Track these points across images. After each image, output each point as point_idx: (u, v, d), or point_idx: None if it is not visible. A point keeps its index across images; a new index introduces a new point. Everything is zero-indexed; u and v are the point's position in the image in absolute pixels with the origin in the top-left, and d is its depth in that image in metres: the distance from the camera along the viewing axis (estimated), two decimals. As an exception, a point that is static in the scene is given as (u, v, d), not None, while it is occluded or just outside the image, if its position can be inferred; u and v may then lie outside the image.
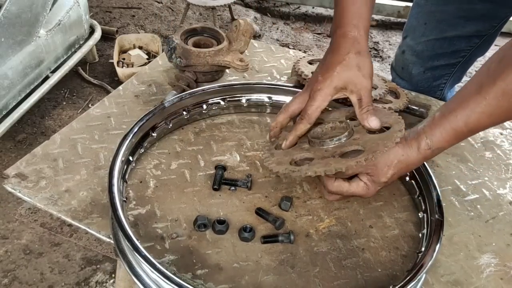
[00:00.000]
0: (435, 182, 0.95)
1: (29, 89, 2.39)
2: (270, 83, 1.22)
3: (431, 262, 0.81)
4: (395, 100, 1.17)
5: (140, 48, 3.10)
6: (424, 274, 0.82)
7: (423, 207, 0.95)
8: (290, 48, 2.82)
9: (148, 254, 0.77)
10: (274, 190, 1.00)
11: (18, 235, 2.03)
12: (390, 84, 1.23)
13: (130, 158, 0.98)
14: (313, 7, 4.02)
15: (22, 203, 0.97)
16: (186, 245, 0.88)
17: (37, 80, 2.44)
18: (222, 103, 1.16)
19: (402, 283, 0.78)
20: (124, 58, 2.99)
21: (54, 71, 2.57)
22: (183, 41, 1.24)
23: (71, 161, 1.03)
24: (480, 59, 1.52)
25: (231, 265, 0.85)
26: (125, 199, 0.92)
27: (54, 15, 2.52)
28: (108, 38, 3.22)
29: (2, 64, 2.17)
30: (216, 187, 0.98)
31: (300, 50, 3.40)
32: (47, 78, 2.52)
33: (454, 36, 1.40)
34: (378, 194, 0.95)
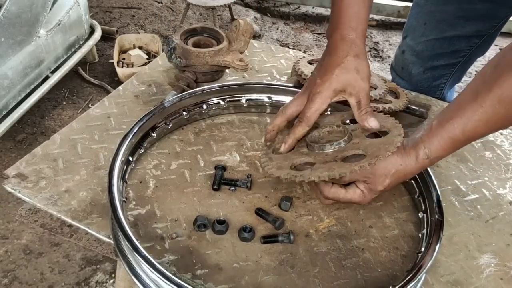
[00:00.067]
0: (435, 182, 0.95)
1: (29, 89, 2.39)
2: (270, 83, 1.22)
3: (431, 262, 0.81)
4: (395, 100, 1.17)
5: (140, 48, 3.10)
6: (424, 274, 0.82)
7: (423, 207, 0.95)
8: (290, 48, 2.82)
9: (148, 254, 0.77)
10: (274, 190, 1.00)
11: (18, 235, 2.03)
12: (390, 84, 1.22)
13: (130, 158, 0.98)
14: (313, 7, 4.02)
15: (22, 204, 0.97)
16: (186, 245, 0.88)
17: (37, 80, 2.44)
18: (222, 103, 1.16)
19: (402, 283, 0.78)
20: (124, 58, 2.99)
21: (54, 71, 2.57)
22: (183, 41, 1.23)
23: (71, 161, 1.03)
24: (480, 59, 1.52)
25: (231, 265, 0.85)
26: (125, 199, 0.92)
27: (54, 15, 2.52)
28: (108, 38, 3.22)
29: (2, 64, 2.17)
30: (216, 187, 0.98)
31: (300, 50, 3.40)
32: (47, 78, 2.52)
33: (454, 36, 1.40)
34: (378, 194, 0.95)
